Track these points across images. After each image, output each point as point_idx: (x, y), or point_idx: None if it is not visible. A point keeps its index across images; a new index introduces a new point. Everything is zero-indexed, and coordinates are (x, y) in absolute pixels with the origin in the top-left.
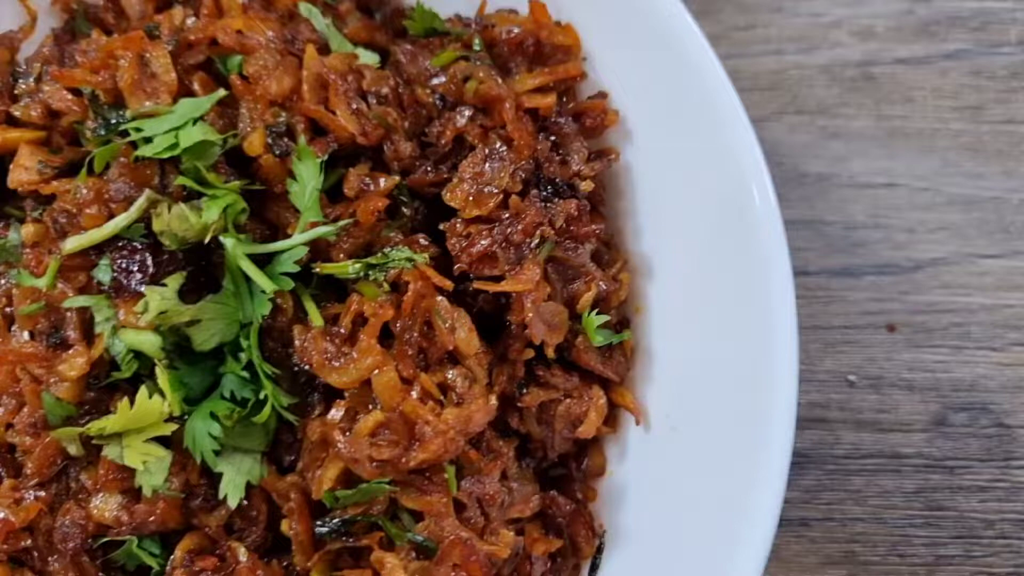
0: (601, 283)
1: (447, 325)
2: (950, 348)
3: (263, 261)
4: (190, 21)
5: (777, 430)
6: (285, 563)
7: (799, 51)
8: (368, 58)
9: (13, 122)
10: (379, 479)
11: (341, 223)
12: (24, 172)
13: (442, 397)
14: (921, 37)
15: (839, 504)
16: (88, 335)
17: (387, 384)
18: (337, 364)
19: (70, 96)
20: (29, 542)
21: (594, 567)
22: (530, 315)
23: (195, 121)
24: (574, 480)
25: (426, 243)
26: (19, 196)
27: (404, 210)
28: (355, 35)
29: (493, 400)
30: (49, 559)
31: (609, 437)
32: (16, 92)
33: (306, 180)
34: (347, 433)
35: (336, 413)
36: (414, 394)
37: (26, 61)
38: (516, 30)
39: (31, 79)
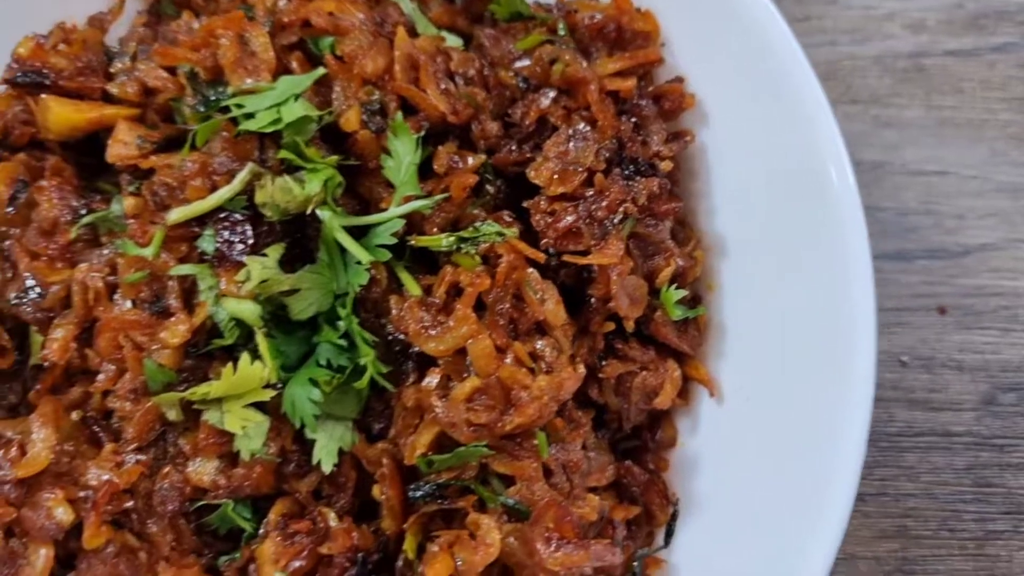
0: (679, 259)
1: (538, 296)
2: (999, 330)
3: (357, 234)
4: (282, 3)
5: (857, 411)
6: (373, 528)
7: (853, 42)
8: (452, 41)
9: (108, 100)
10: (475, 443)
11: (437, 197)
12: (123, 147)
13: (533, 365)
14: (970, 30)
15: (892, 480)
16: (188, 304)
17: (483, 352)
18: (433, 333)
19: (165, 74)
20: (131, 503)
21: (669, 533)
22: (615, 288)
23: (296, 97)
24: (647, 451)
25: (510, 219)
26: (111, 171)
27: (488, 188)
28: (438, 19)
29: (582, 368)
30: (148, 521)
31: (681, 409)
32: (112, 71)
33: (402, 155)
34: (444, 399)
35: (432, 380)
36: (507, 361)
37: (120, 41)
38: (598, 16)
39: (126, 58)
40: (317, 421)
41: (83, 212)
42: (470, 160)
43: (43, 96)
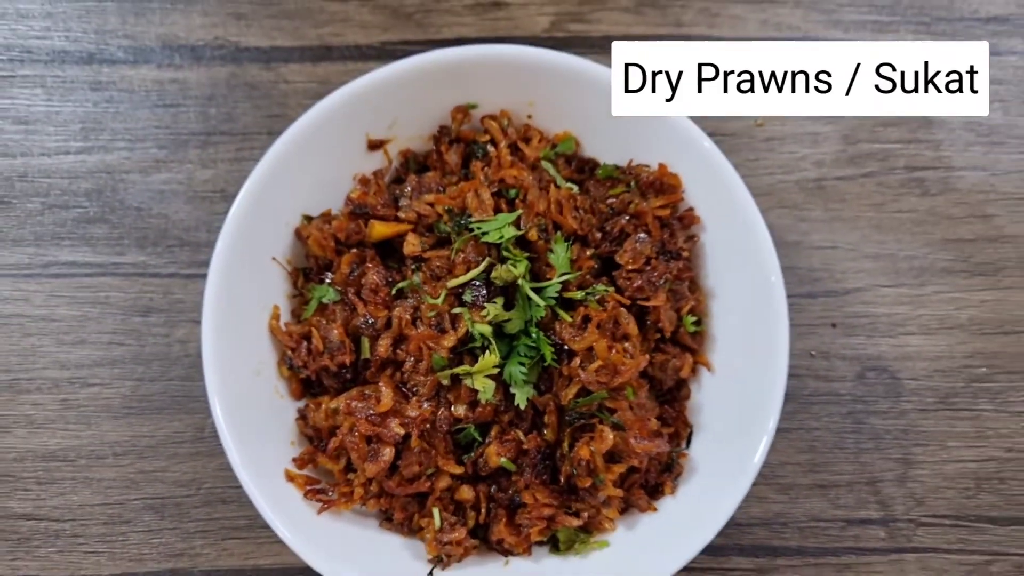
0: (692, 302)
1: (626, 321)
2: (865, 336)
3: (535, 291)
4: (484, 170)
5: (779, 377)
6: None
7: (783, 173)
8: (574, 188)
9: (396, 220)
10: (599, 391)
11: (577, 273)
12: (413, 246)
13: (626, 355)
14: (850, 165)
15: (805, 420)
16: (454, 326)
17: (603, 348)
18: (577, 339)
19: (430, 208)
20: (428, 426)
21: (688, 442)
22: (663, 316)
23: (510, 224)
24: (674, 401)
25: (607, 283)
26: (393, 259)
27: (593, 264)
28: (566, 176)
29: (647, 357)
30: (433, 437)
31: (692, 379)
32: (400, 204)
33: (559, 252)
34: (584, 370)
35: (577, 361)
36: (613, 352)
37: (399, 189)
38: (651, 176)
39: (406, 199)
40: (516, 384)
41: (390, 280)
42: (588, 252)
43: (371, 220)
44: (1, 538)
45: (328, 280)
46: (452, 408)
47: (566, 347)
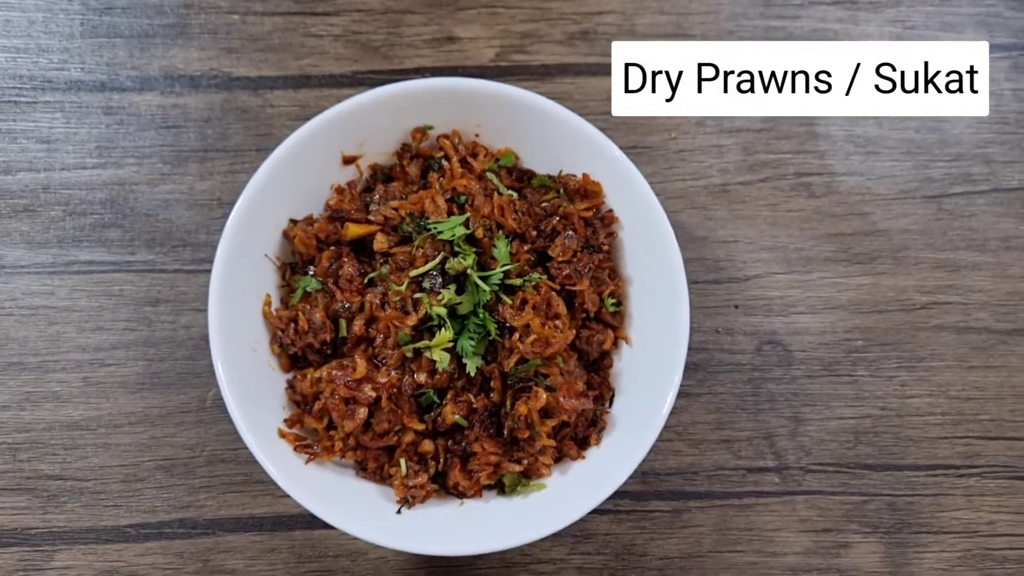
0: (612, 287)
1: (557, 303)
2: (763, 316)
3: (482, 279)
4: (439, 181)
5: (681, 349)
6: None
7: (692, 179)
8: (514, 194)
9: (367, 222)
10: (534, 359)
11: (516, 264)
12: (381, 243)
13: (556, 330)
14: (749, 172)
15: (713, 386)
16: (415, 308)
17: (537, 325)
18: (516, 318)
19: (395, 211)
20: (395, 390)
21: (611, 402)
22: (587, 299)
23: (460, 224)
24: (599, 369)
25: (541, 271)
26: (366, 254)
27: (530, 257)
28: (508, 184)
29: (573, 332)
30: (399, 399)
31: (614, 351)
32: (370, 209)
33: (501, 247)
34: (522, 342)
35: (516, 336)
36: (546, 328)
37: (369, 196)
38: (577, 184)
39: (375, 204)
40: (468, 355)
41: (362, 271)
42: (525, 247)
43: (347, 223)
44: (34, 495)
45: (311, 272)
46: (415, 376)
47: (508, 324)
